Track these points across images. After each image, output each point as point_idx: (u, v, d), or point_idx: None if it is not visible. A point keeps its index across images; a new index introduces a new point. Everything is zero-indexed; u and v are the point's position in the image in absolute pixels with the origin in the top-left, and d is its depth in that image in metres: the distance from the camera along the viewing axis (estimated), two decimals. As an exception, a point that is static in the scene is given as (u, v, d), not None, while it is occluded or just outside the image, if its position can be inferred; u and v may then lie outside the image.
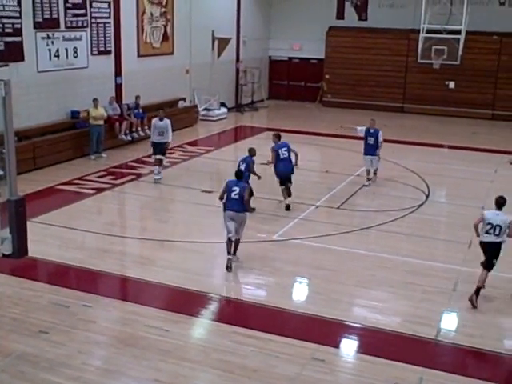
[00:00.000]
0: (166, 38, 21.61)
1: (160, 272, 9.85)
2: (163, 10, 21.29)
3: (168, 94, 21.42)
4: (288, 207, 12.97)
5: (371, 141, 14.89)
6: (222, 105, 24.95)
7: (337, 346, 7.96)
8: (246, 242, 11.12)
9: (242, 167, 11.46)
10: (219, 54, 25.15)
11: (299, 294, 9.81)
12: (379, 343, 8.04)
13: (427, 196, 14.38)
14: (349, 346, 8.07)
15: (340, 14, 28.12)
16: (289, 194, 13.10)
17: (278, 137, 13.26)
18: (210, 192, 14.19)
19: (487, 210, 9.54)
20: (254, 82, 27.33)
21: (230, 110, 25.61)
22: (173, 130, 15.43)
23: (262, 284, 9.74)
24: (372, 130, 14.98)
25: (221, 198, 10.15)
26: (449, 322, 8.76)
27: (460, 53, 23.83)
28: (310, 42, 28.53)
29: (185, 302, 9.00)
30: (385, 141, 15.34)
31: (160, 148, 15.09)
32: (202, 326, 8.50)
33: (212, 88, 24.13)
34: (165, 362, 7.32)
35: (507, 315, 8.90)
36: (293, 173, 13.05)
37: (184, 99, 22.62)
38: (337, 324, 8.46)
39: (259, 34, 28.57)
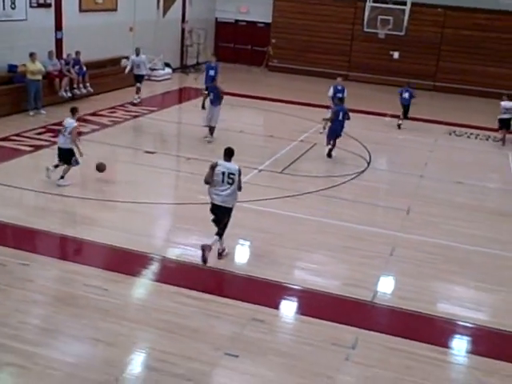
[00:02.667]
0: (109, -7, 20.96)
1: (101, 232, 9.71)
2: (107, -37, 20.60)
3: (110, 51, 20.88)
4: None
5: (340, 95, 16.69)
6: (167, 65, 24.51)
7: (276, 307, 8.08)
8: (188, 203, 11.11)
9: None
10: (164, 13, 24.62)
11: (241, 255, 9.86)
12: (318, 305, 8.22)
13: (368, 163, 14.62)
14: (288, 308, 8.22)
15: (289, -21, 27.90)
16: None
17: (216, 56, 19.17)
18: (152, 153, 14.02)
19: None
20: (199, 43, 26.92)
21: (174, 70, 25.20)
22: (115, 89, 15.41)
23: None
24: (340, 87, 17.14)
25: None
26: (385, 286, 9.02)
27: (405, 24, 24.11)
28: (257, 6, 28.25)
29: (125, 262, 8.93)
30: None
31: (138, 78, 18.96)
32: (142, 286, 8.46)
33: (156, 47, 23.63)
34: (104, 321, 7.26)
35: (440, 280, 9.22)
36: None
37: (127, 57, 22.04)
38: (277, 286, 8.57)
39: (206, -5, 28.08)
